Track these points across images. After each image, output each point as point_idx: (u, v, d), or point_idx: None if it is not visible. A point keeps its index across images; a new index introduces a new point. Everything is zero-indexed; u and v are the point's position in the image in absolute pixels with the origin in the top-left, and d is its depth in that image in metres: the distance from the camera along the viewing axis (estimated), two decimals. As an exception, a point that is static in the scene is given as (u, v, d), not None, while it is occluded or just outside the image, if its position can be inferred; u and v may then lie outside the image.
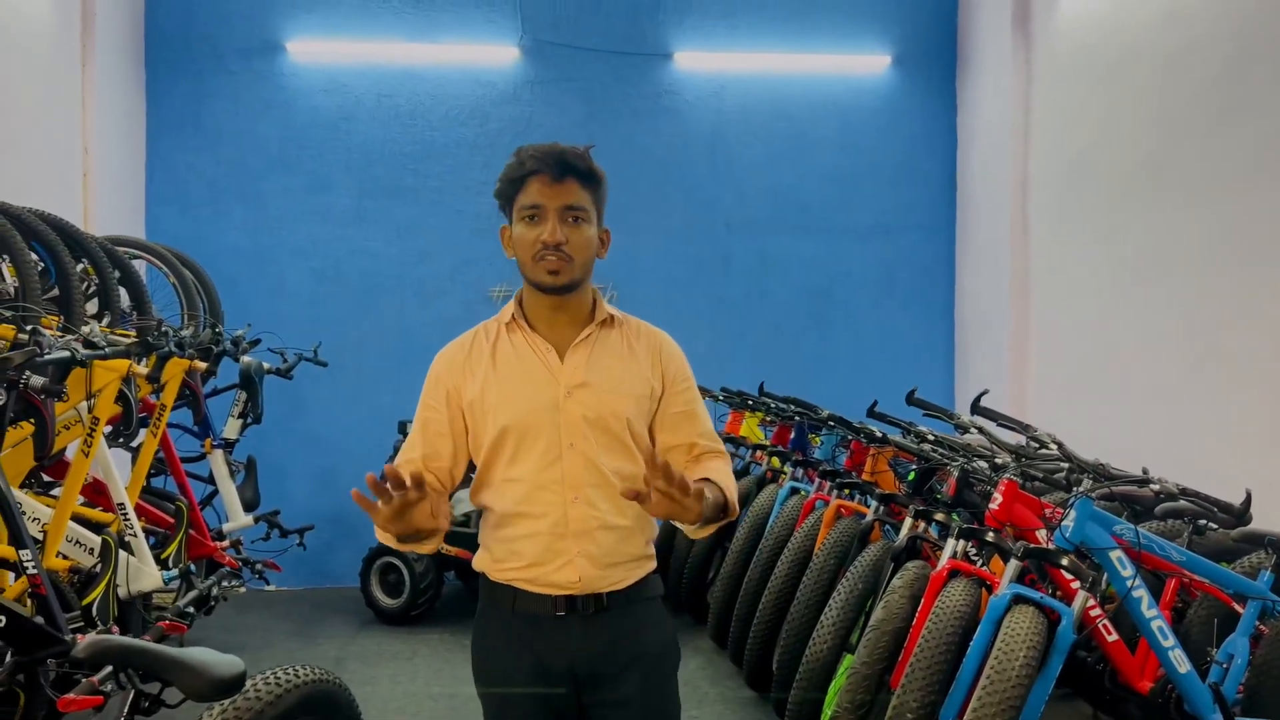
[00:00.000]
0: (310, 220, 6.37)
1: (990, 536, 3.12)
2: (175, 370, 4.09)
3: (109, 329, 3.81)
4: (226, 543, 4.47)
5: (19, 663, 2.65)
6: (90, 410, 3.43)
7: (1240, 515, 3.09)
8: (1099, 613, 3.11)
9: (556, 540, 1.87)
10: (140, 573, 3.59)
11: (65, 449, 3.67)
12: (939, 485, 3.88)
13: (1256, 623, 3.16)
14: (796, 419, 5.17)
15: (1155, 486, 3.10)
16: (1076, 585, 2.96)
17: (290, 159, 6.36)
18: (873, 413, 4.40)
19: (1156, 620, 3.03)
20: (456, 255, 6.43)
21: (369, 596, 5.55)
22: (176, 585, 3.82)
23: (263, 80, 6.33)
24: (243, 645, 4.95)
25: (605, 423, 1.89)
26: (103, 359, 3.30)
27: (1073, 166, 5.42)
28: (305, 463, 6.29)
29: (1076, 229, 5.38)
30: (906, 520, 3.55)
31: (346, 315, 6.36)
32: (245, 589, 4.57)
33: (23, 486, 3.51)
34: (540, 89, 6.47)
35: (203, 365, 4.32)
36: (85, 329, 3.39)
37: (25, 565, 2.83)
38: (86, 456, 3.42)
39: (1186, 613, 3.37)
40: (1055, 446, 3.36)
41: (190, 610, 3.89)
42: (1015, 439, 3.74)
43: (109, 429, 3.69)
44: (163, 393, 4.07)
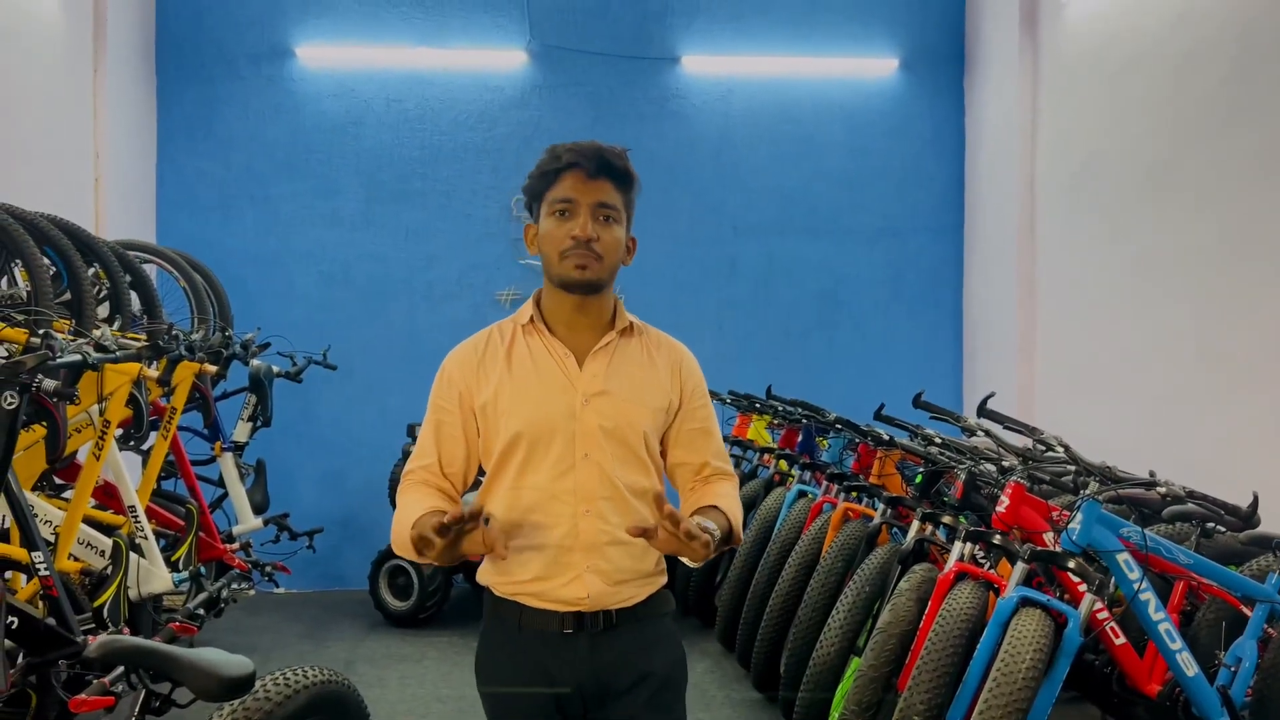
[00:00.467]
0: (319, 224, 6.40)
1: (997, 539, 3.12)
2: (185, 374, 4.12)
3: (120, 333, 3.83)
4: (236, 545, 4.49)
5: (31, 663, 2.68)
6: (101, 413, 3.45)
7: (1248, 518, 3.08)
8: (1106, 615, 3.10)
9: (564, 553, 1.82)
10: (151, 575, 3.61)
11: (77, 452, 3.70)
12: (946, 488, 3.88)
13: (1265, 626, 3.16)
14: (804, 422, 5.17)
15: (1162, 489, 3.09)
16: (1084, 588, 2.97)
17: (299, 163, 6.39)
18: (880, 415, 4.40)
19: (1164, 623, 3.02)
20: (465, 259, 6.45)
21: (378, 599, 5.57)
22: (187, 587, 3.85)
23: (272, 85, 6.37)
24: (252, 647, 4.97)
25: (622, 434, 1.85)
26: (114, 363, 3.32)
27: (1080, 169, 5.41)
28: (314, 466, 6.32)
29: (1084, 231, 5.37)
30: (914, 523, 3.56)
31: (355, 319, 6.38)
32: (255, 591, 4.60)
33: (35, 489, 3.53)
34: (548, 93, 6.48)
35: (213, 369, 4.34)
36: (96, 333, 3.42)
37: (37, 567, 2.86)
38: (98, 459, 3.45)
39: (1194, 616, 3.37)
40: (1062, 449, 3.37)
41: (200, 612, 3.92)
42: (1022, 442, 3.74)
43: (120, 432, 3.72)
44: (173, 396, 4.11)
